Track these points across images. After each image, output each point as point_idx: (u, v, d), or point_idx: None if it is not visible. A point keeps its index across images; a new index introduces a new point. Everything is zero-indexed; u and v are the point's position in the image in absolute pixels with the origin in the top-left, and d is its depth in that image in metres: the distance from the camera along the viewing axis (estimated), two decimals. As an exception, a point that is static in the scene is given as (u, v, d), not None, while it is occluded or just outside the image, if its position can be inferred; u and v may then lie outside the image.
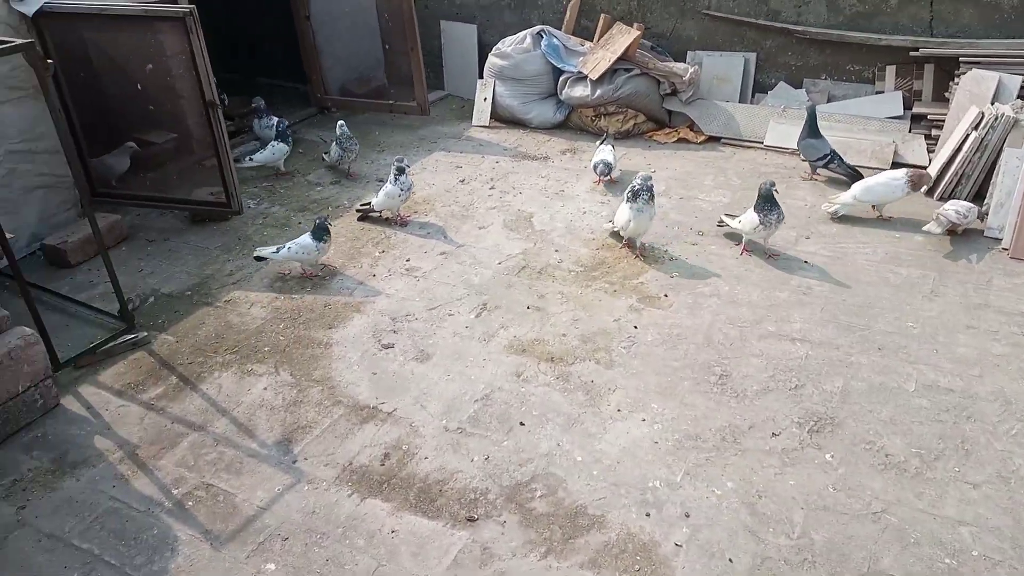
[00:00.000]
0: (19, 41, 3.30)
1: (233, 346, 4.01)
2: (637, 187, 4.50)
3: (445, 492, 3.08)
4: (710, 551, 2.78)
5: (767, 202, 4.45)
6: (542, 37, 6.60)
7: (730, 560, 2.75)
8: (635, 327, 4.04)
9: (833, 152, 5.36)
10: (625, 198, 4.59)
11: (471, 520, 2.95)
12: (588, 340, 3.96)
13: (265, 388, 3.71)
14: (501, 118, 6.85)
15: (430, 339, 4.00)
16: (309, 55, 7.12)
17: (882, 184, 4.87)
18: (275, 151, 5.82)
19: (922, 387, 3.51)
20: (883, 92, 5.93)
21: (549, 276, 4.54)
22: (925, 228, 4.69)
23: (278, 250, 4.50)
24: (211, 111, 4.67)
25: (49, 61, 3.54)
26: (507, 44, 6.70)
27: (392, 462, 3.24)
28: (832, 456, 3.16)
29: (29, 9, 4.60)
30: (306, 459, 3.28)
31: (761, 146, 6.06)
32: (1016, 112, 4.87)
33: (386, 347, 3.95)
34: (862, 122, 5.83)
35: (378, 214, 5.23)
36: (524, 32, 6.64)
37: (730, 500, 2.98)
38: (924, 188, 5.08)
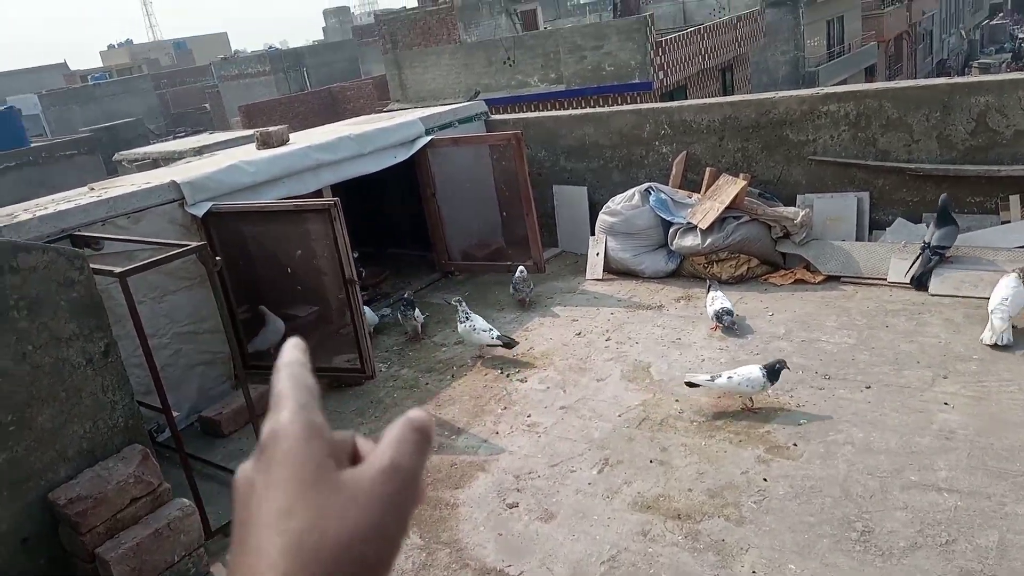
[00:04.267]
0: (195, 244, 3.88)
1: (367, 508, 4.19)
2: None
3: (575, 661, 3.01)
4: None
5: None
6: (650, 193, 6.92)
7: None
8: (764, 479, 3.92)
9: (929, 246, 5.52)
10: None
11: None
12: (716, 495, 3.86)
13: (396, 550, 3.82)
14: (614, 270, 7.09)
15: (553, 497, 4.03)
16: (434, 226, 7.76)
17: (1008, 291, 4.77)
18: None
19: (1097, 542, 3.17)
20: (1009, 222, 5.73)
21: (671, 427, 4.52)
22: None
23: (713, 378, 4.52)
24: (349, 287, 5.16)
25: (217, 259, 4.11)
26: (617, 202, 7.05)
27: (520, 628, 3.21)
28: (999, 624, 2.87)
29: (200, 211, 5.38)
30: (436, 624, 3.31)
31: (884, 283, 5.92)
32: None
33: (511, 506, 4.01)
34: (991, 253, 5.62)
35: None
36: (632, 190, 6.99)
37: (885, 675, 2.74)
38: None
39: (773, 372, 4.45)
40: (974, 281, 5.49)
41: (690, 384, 4.64)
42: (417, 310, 6.24)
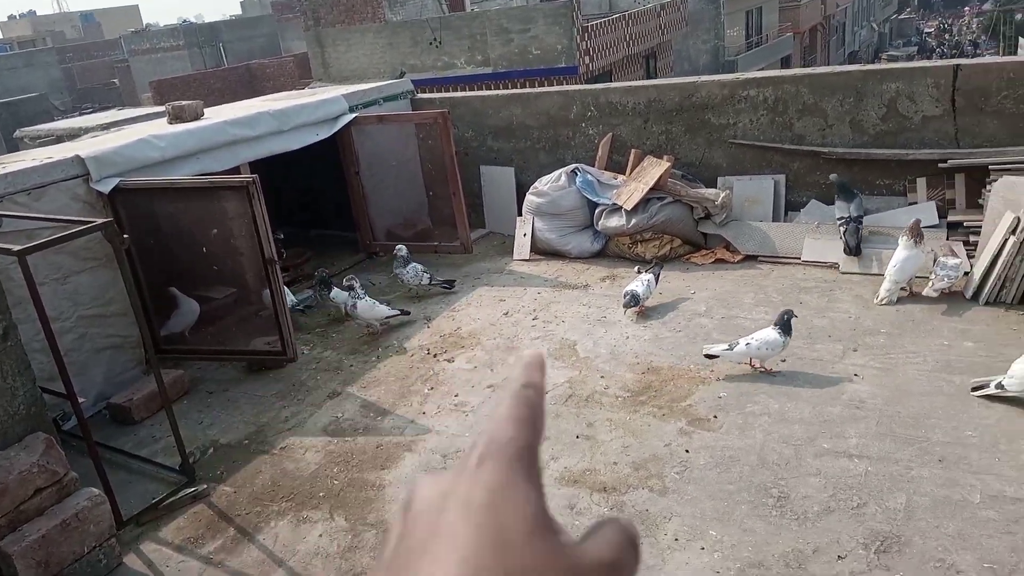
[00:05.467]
0: (100, 221, 3.67)
1: (289, 493, 4.09)
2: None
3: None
4: None
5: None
6: (576, 174, 6.96)
7: None
8: (686, 451, 4.01)
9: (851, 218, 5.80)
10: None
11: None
12: (640, 467, 3.93)
13: (320, 535, 3.74)
14: (541, 251, 7.11)
15: (481, 474, 4.02)
16: (358, 205, 7.60)
17: (903, 259, 5.14)
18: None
19: (988, 498, 3.37)
20: (916, 203, 6.02)
21: (596, 403, 4.57)
22: (925, 292, 5.17)
23: (731, 347, 4.54)
24: (269, 267, 5.00)
25: (124, 236, 3.90)
26: (544, 183, 7.06)
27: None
28: (903, 578, 3.03)
29: (106, 187, 5.10)
30: (362, 605, 3.26)
31: (798, 261, 6.14)
32: (1052, 213, 4.90)
33: (438, 485, 3.98)
34: (898, 232, 5.88)
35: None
36: (559, 171, 7.01)
37: (799, 632, 2.85)
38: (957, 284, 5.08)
39: (786, 326, 4.52)
40: (880, 259, 5.74)
41: (709, 356, 4.66)
42: (336, 290, 6.09)
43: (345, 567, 3.50)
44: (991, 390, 4.02)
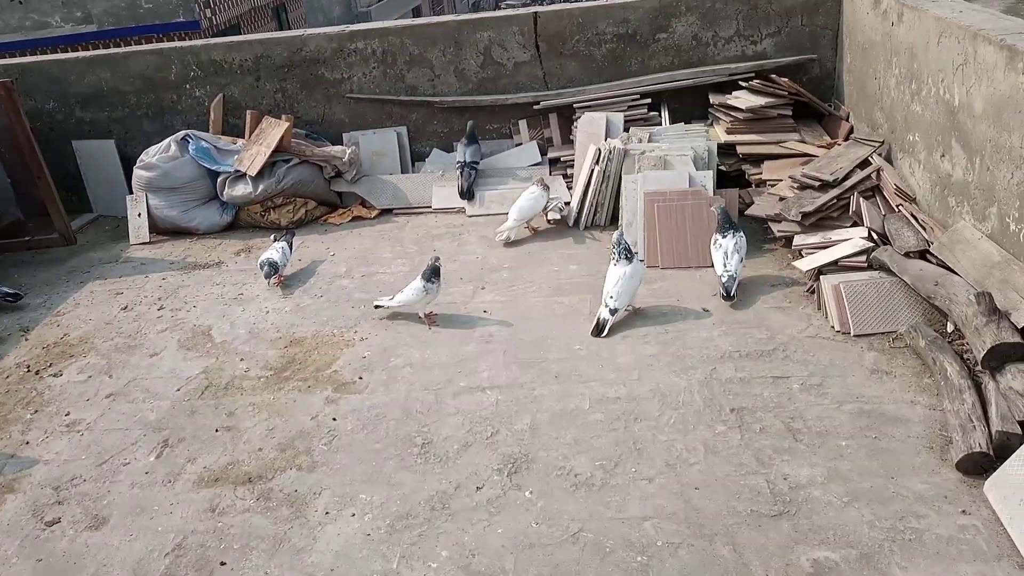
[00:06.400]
0: None
1: None
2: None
3: (141, 672, 2.71)
4: (434, 630, 2.76)
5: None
6: (188, 142, 6.34)
7: (454, 632, 2.75)
8: (334, 419, 3.95)
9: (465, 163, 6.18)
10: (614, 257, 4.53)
11: None
12: (287, 447, 3.78)
13: None
14: (164, 231, 6.42)
15: (104, 499, 3.54)
16: (-92, 205, 6.10)
17: (527, 200, 5.55)
18: None
19: (595, 402, 3.86)
20: (521, 144, 6.57)
21: (237, 389, 4.29)
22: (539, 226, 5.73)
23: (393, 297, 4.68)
24: None
25: None
26: (151, 155, 6.32)
27: (71, 660, 2.78)
28: (531, 492, 3.33)
29: None
30: None
31: (430, 210, 6.36)
32: (625, 144, 5.66)
33: (51, 524, 3.42)
34: (510, 173, 6.39)
35: None
36: (168, 140, 6.32)
37: (446, 569, 2.99)
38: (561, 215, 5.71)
39: (432, 272, 4.59)
40: (500, 200, 6.19)
41: (377, 307, 4.80)
42: None
43: (-70, 656, 2.85)
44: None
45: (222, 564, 3.13)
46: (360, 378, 4.28)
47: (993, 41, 3.80)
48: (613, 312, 4.40)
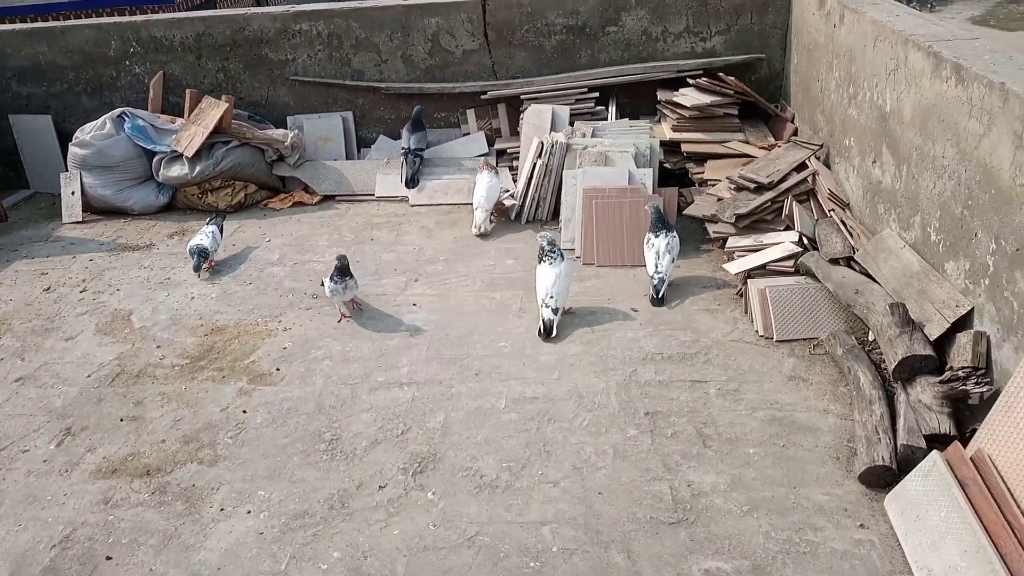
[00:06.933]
0: None
1: None
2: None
3: (6, 672, 2.61)
4: (314, 634, 2.69)
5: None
6: (124, 119, 6.16)
7: (334, 637, 2.68)
8: (244, 411, 3.86)
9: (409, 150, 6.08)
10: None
11: None
12: (191, 439, 3.68)
13: None
14: (97, 210, 6.25)
15: (-4, 488, 3.43)
16: None
17: (487, 188, 5.51)
18: None
19: (511, 401, 3.80)
20: (468, 134, 6.46)
21: (149, 377, 4.18)
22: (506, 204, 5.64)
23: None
24: None
25: None
26: (86, 132, 6.14)
27: (-65, 658, 2.68)
28: (433, 493, 3.27)
29: None
30: None
31: (373, 198, 6.24)
32: (568, 138, 5.59)
33: (-66, 514, 3.30)
34: (456, 163, 6.29)
35: None
36: (104, 117, 6.14)
37: (335, 572, 2.92)
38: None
39: (339, 271, 4.42)
40: (445, 189, 6.10)
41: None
42: None
43: None
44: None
45: (108, 559, 3.04)
46: (277, 369, 4.18)
47: (922, 47, 3.76)
48: (555, 312, 4.32)
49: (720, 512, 3.08)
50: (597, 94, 6.10)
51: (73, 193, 6.20)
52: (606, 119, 6.05)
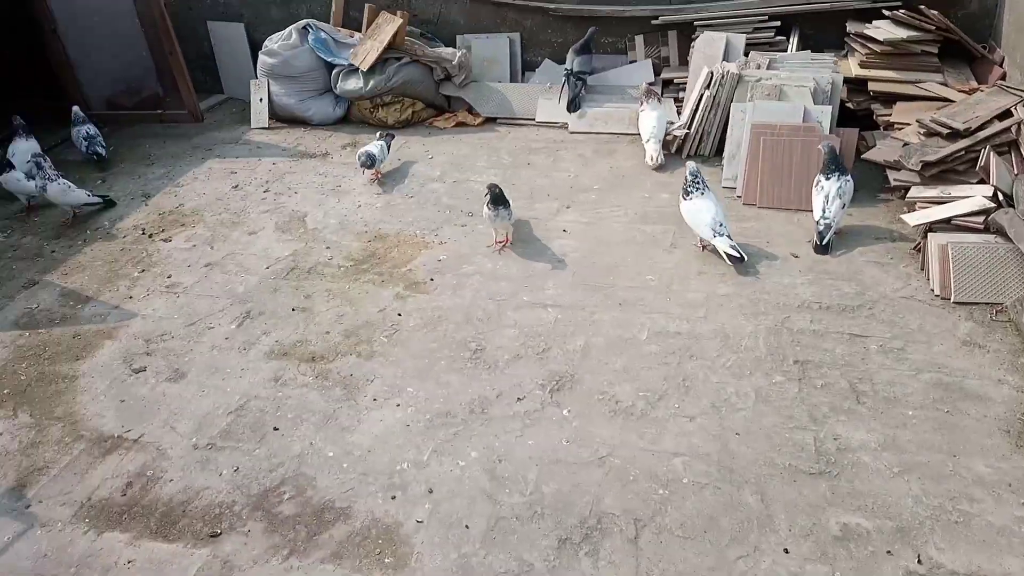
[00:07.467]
0: None
1: (-36, 396, 3.72)
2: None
3: (189, 512, 3.00)
4: (448, 522, 2.88)
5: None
6: (308, 31, 6.49)
7: (467, 527, 2.86)
8: (399, 315, 4.10)
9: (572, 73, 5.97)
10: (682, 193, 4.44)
11: (214, 536, 2.90)
12: (351, 334, 3.97)
13: (0, 433, 3.47)
14: (281, 118, 6.69)
15: (186, 356, 3.88)
16: (61, 70, 6.65)
17: (656, 119, 5.42)
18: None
19: (653, 334, 3.78)
20: (635, 61, 6.28)
21: (318, 275, 4.51)
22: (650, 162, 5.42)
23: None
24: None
25: None
26: (274, 41, 6.53)
27: (135, 490, 3.12)
28: (569, 411, 3.35)
29: None
30: (40, 502, 3.10)
31: (533, 123, 6.26)
32: (740, 69, 5.30)
33: (137, 371, 3.79)
34: (620, 91, 6.16)
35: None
36: (290, 28, 6.50)
37: (472, 470, 3.10)
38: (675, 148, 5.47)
39: (493, 200, 4.40)
40: (605, 118, 6.01)
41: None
42: (14, 172, 5.21)
43: (26, 463, 3.28)
44: None
45: (275, 429, 3.38)
46: (431, 279, 4.38)
47: None
48: (731, 237, 4.25)
49: (867, 470, 2.95)
50: (778, 23, 5.71)
51: (261, 100, 6.66)
52: (785, 51, 5.66)
